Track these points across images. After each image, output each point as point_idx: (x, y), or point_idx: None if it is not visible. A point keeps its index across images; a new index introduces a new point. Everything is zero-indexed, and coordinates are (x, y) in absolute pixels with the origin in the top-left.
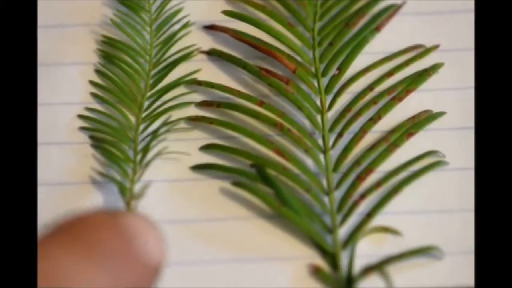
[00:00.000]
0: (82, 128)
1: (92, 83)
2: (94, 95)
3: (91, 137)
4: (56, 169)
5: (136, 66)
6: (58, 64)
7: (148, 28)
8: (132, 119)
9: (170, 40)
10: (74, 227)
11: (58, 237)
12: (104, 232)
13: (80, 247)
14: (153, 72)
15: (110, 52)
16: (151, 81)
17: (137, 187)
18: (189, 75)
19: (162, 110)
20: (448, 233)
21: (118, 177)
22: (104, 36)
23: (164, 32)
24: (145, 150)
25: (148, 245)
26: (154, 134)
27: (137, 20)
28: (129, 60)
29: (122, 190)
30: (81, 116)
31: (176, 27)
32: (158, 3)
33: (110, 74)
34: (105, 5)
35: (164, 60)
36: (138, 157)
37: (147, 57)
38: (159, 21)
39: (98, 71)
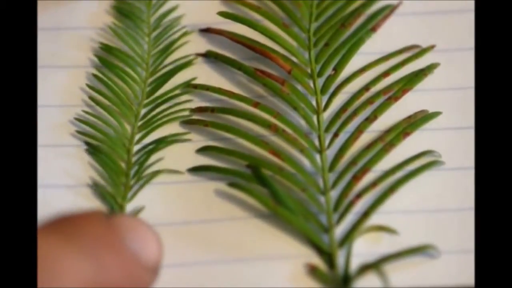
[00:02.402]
0: (78, 133)
1: (90, 87)
2: (92, 99)
3: (87, 143)
4: (55, 172)
5: (133, 73)
6: (56, 66)
7: (146, 38)
8: (128, 128)
9: (168, 49)
10: (67, 221)
11: (51, 229)
12: (96, 227)
13: (70, 238)
14: (150, 80)
15: (107, 58)
16: (148, 89)
17: (130, 206)
18: (187, 83)
19: (157, 118)
20: (444, 232)
21: (111, 182)
22: (102, 44)
23: (163, 42)
24: (139, 172)
25: (143, 244)
26: (149, 152)
27: (135, 29)
28: (126, 68)
29: (113, 209)
30: (78, 120)
31: (175, 35)
32: (156, 6)
33: (107, 80)
34: (103, 11)
35: (162, 68)
36: (132, 171)
37: (144, 65)
38: (157, 31)
39: (95, 76)
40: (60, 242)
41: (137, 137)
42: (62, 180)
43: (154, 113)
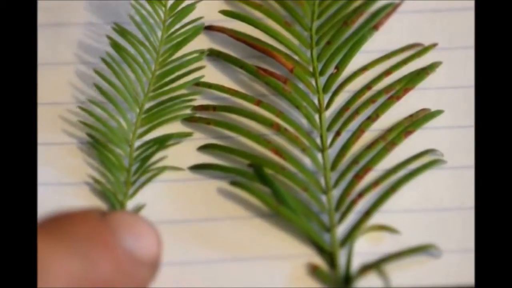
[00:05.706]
0: (81, 122)
1: (97, 73)
2: (97, 87)
3: (89, 135)
4: (56, 169)
5: (143, 62)
6: (57, 62)
7: (159, 33)
8: (131, 121)
9: (181, 43)
10: (60, 220)
11: (43, 228)
12: (89, 224)
13: (60, 237)
14: (158, 72)
15: (119, 44)
16: (155, 81)
17: (130, 203)
18: (195, 80)
19: (162, 113)
20: (446, 231)
21: (112, 179)
22: (116, 24)
23: (177, 36)
24: (141, 169)
25: (138, 241)
26: (150, 154)
27: (149, 20)
28: (137, 55)
29: (114, 206)
30: (82, 109)
31: (189, 27)
32: (170, 2)
33: (115, 66)
34: (118, 5)
35: (171, 62)
36: (133, 167)
37: (155, 55)
38: (171, 19)
39: (98, 73)
40: (50, 241)
41: (139, 131)
42: (62, 178)
43: (159, 108)
